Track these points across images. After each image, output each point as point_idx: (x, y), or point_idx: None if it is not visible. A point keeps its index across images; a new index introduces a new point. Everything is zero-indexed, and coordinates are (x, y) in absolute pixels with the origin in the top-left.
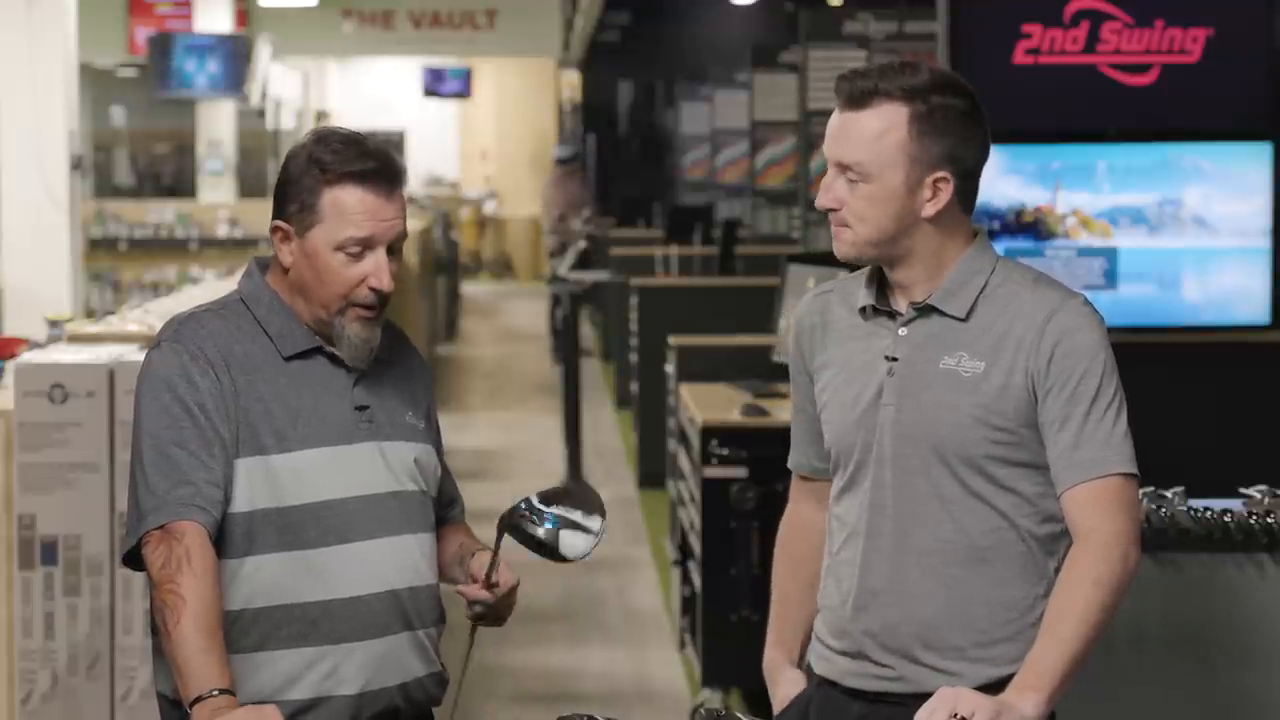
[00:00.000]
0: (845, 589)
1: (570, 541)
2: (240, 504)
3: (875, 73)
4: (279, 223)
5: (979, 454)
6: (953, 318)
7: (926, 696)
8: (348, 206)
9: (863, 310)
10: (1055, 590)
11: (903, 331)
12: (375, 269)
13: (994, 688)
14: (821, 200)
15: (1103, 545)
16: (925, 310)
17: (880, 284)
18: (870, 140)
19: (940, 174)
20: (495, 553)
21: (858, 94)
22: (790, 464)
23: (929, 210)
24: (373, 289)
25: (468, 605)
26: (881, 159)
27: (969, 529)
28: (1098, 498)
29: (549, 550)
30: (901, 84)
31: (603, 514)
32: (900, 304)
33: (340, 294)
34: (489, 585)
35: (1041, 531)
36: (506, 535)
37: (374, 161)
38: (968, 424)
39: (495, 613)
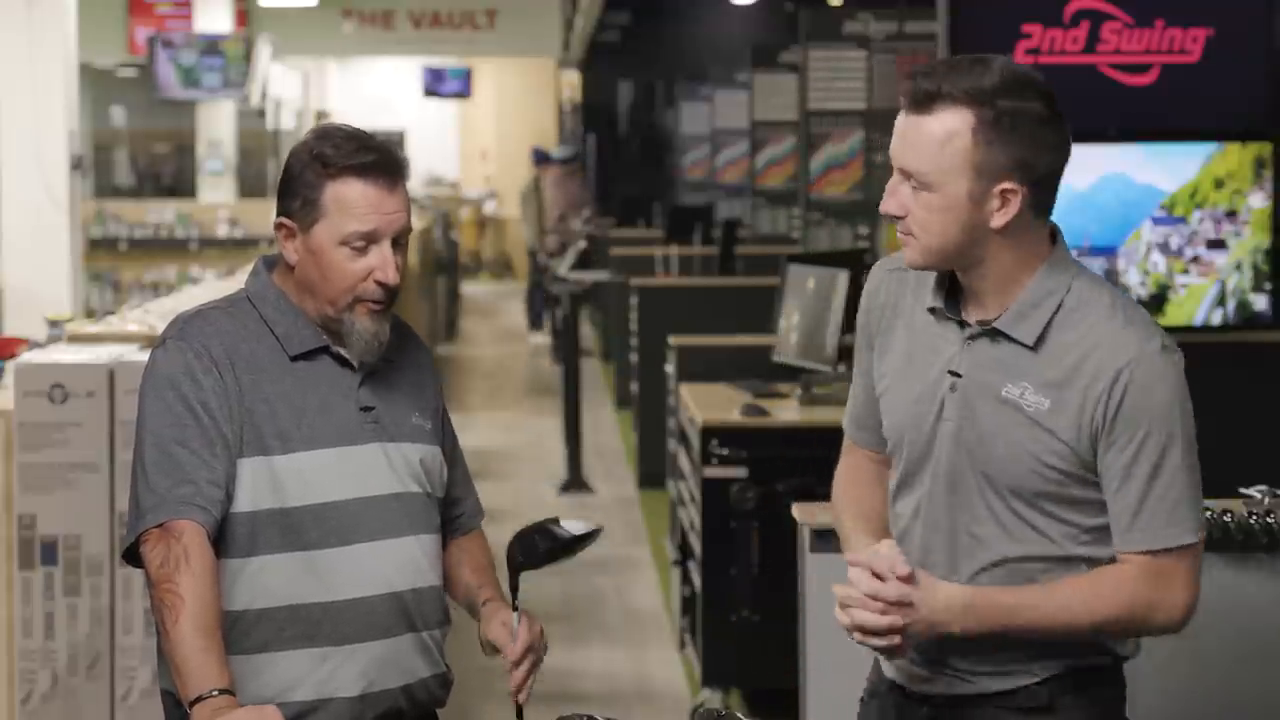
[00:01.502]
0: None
1: (568, 524)
2: (244, 504)
3: (941, 71)
4: (283, 220)
5: (1030, 488)
6: (1020, 344)
7: (994, 696)
8: (350, 201)
9: (930, 310)
10: (1084, 578)
11: (968, 346)
12: (381, 263)
13: (1046, 684)
14: (886, 205)
15: (1143, 603)
16: (993, 333)
17: (951, 285)
18: (933, 148)
19: (1008, 185)
20: (514, 599)
21: (921, 95)
22: (852, 438)
23: (998, 221)
24: (379, 283)
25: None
26: (943, 168)
27: (1023, 553)
28: (1155, 572)
29: (557, 539)
30: (967, 86)
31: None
32: (970, 314)
33: (346, 289)
34: (515, 662)
35: (1100, 555)
36: (523, 574)
37: (374, 154)
38: (1024, 458)
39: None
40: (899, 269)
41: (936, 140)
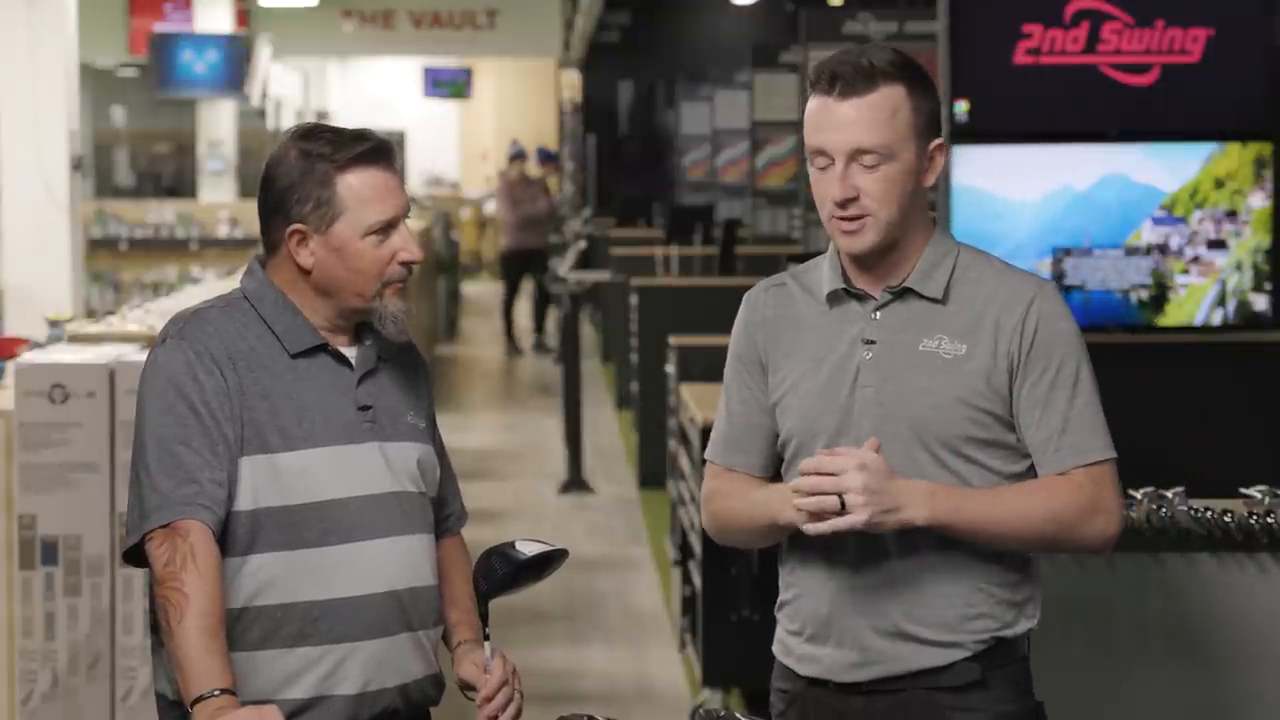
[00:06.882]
0: (827, 575)
1: (524, 545)
2: (244, 502)
3: (865, 54)
4: (296, 226)
5: (957, 434)
6: (930, 300)
7: (922, 674)
8: (368, 190)
9: (829, 296)
10: (1034, 482)
11: (877, 315)
12: (404, 243)
13: (978, 658)
14: (842, 193)
15: (1089, 505)
16: (901, 293)
17: (843, 269)
18: (888, 120)
19: (937, 141)
20: (485, 628)
21: (861, 78)
22: (727, 464)
23: (930, 179)
24: (403, 263)
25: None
26: (899, 136)
27: None
28: (1091, 481)
29: (512, 562)
30: (889, 61)
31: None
32: (871, 288)
33: (376, 276)
34: (487, 697)
35: None
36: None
37: (370, 141)
38: (949, 405)
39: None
40: (777, 284)
41: (889, 112)
